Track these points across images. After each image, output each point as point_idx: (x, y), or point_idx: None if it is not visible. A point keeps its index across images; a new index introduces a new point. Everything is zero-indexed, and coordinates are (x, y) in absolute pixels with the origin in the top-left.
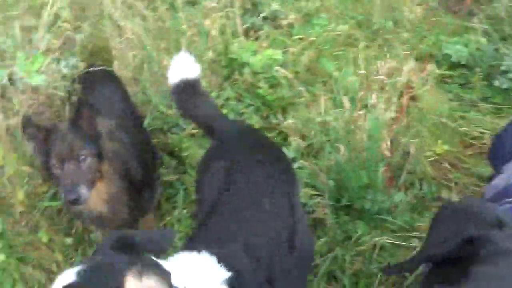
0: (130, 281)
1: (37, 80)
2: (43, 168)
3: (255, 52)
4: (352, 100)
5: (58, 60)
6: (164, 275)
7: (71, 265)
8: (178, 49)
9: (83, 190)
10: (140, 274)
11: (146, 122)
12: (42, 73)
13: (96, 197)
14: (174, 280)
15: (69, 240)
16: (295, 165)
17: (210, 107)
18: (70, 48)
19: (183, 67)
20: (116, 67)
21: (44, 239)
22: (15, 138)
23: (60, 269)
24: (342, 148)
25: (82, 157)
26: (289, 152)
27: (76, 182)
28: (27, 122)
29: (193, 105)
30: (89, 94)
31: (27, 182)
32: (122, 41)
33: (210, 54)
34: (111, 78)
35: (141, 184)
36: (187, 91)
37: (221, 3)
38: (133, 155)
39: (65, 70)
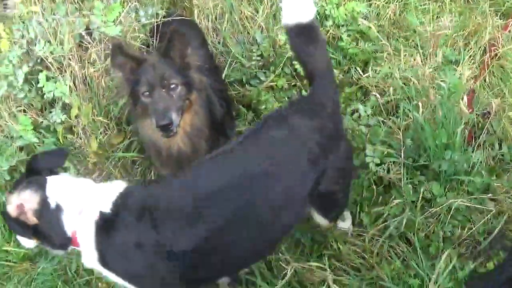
0: (13, 196)
1: (114, 30)
2: (130, 98)
3: (337, 5)
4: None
5: (136, 9)
6: (38, 189)
7: None
8: None
9: (174, 116)
10: (19, 190)
11: (224, 73)
12: (119, 23)
13: (180, 129)
14: (51, 194)
15: None
16: (372, 121)
17: (322, 58)
18: None
19: (297, 7)
20: (196, 16)
21: None
22: (91, 88)
23: None
24: (421, 105)
25: (173, 85)
26: (366, 108)
27: (167, 108)
28: (117, 50)
29: (306, 51)
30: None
31: (102, 132)
32: None
33: None
34: (190, 26)
35: (219, 128)
36: (303, 36)
37: None
38: (214, 96)
39: (143, 20)
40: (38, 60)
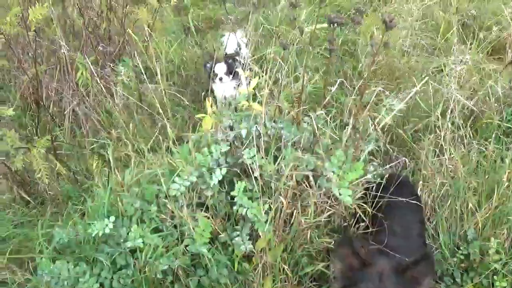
0: None
1: (347, 199)
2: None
3: None
4: None
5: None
6: None
7: None
8: None
9: None
10: None
11: None
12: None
13: None
14: None
15: None
16: None
17: None
18: None
19: None
20: (419, 188)
21: None
22: (290, 232)
23: None
24: None
25: None
26: None
27: None
28: (346, 241)
29: None
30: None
31: (282, 279)
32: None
33: None
34: (413, 206)
35: None
36: None
37: None
38: None
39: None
40: (240, 161)
